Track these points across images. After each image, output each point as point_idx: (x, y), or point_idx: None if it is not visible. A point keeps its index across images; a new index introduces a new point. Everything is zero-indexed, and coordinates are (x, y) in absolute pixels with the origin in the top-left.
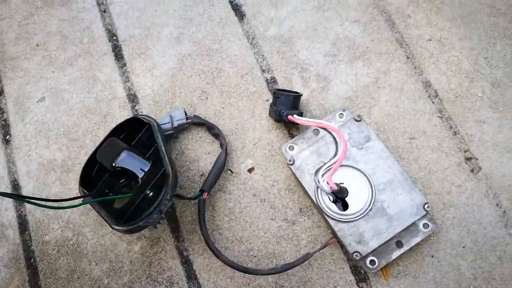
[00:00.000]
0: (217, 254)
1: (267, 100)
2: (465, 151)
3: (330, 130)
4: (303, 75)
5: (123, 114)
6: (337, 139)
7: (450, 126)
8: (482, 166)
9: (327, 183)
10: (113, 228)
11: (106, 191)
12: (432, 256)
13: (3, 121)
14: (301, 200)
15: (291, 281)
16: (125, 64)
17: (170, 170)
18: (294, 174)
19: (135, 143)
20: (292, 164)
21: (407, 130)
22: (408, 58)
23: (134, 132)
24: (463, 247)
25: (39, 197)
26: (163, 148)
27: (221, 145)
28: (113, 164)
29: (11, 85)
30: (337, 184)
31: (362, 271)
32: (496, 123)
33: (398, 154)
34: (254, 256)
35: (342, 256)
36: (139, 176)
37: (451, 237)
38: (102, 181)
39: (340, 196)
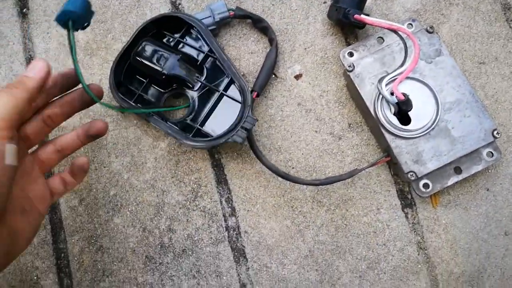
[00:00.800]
0: (259, 155)
1: (324, 2)
2: None
3: (402, 34)
4: None
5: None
6: (409, 46)
7: None
8: None
9: (392, 93)
10: (183, 143)
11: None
12: (488, 190)
13: None
14: (352, 115)
15: (331, 197)
16: None
17: (244, 84)
18: (351, 83)
19: (178, 47)
20: (351, 71)
21: (477, 54)
22: None
23: (168, 31)
24: None
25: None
26: (224, 56)
27: (270, 41)
28: (163, 72)
29: None
30: (404, 94)
31: (409, 197)
32: None
33: None
34: (293, 168)
35: (390, 178)
36: (195, 87)
37: (511, 172)
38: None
39: (404, 109)
